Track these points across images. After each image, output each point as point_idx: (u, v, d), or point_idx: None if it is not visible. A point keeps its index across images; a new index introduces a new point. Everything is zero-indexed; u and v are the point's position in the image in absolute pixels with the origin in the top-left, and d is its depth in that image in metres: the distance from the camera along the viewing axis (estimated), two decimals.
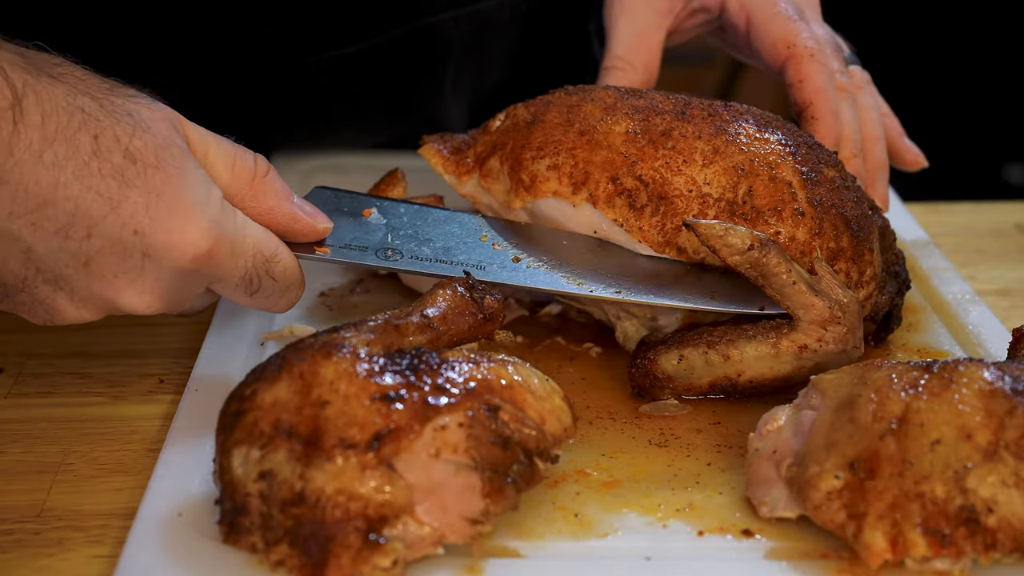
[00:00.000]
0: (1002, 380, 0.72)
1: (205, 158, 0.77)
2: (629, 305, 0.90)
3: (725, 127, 0.90)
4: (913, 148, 1.10)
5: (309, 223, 0.82)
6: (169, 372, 0.93)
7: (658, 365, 0.86)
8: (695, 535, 0.73)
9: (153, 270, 0.73)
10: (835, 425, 0.73)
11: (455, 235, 0.90)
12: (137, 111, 0.73)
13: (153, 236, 0.72)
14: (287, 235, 0.81)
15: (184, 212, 0.72)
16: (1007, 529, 0.68)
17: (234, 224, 0.76)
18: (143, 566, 0.67)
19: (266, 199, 0.80)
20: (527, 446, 0.71)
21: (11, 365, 0.93)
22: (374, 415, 0.68)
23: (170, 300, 0.76)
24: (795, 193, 0.87)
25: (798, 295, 0.82)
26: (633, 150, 0.88)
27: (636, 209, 0.88)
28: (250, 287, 0.78)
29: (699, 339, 0.85)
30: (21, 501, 0.77)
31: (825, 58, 1.01)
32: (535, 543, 0.72)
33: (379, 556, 0.66)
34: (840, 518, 0.70)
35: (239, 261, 0.76)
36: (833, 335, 0.83)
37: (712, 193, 0.87)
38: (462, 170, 0.96)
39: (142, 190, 0.71)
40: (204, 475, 0.75)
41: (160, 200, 0.72)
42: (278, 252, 0.79)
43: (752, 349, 0.84)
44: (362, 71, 1.20)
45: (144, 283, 0.73)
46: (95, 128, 0.70)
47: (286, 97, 1.19)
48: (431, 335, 0.78)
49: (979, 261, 1.18)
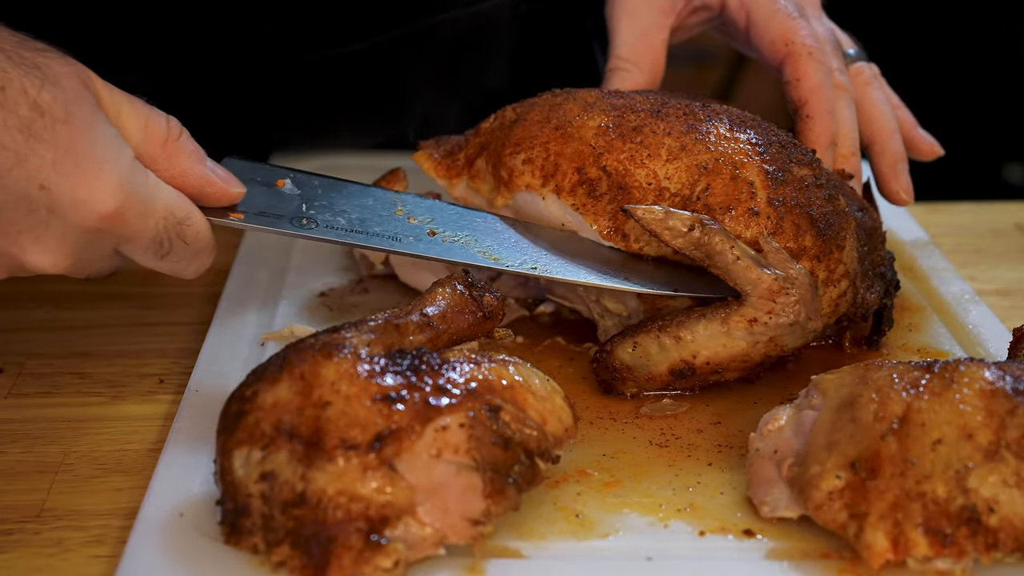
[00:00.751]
0: (1003, 380, 0.72)
1: (117, 118, 0.75)
2: (618, 294, 0.90)
3: (697, 125, 0.90)
4: (928, 138, 1.10)
5: (222, 187, 0.80)
6: (169, 372, 0.93)
7: (615, 356, 0.87)
8: (696, 535, 0.73)
9: (59, 227, 0.71)
10: (836, 425, 0.73)
11: (370, 208, 0.88)
12: (47, 64, 0.71)
13: (59, 192, 0.70)
14: (200, 199, 0.79)
15: (93, 168, 0.71)
16: (1008, 529, 0.68)
17: (145, 184, 0.74)
18: (144, 566, 0.67)
19: (179, 161, 0.78)
20: (528, 446, 0.71)
21: (11, 365, 0.93)
22: (375, 416, 0.68)
23: (76, 260, 0.74)
24: (755, 193, 0.87)
25: (744, 271, 0.83)
26: (602, 143, 0.90)
27: (594, 197, 0.89)
28: (160, 249, 0.77)
29: (651, 325, 0.86)
30: (21, 501, 0.77)
31: (823, 56, 1.01)
32: (536, 543, 0.72)
33: (381, 557, 0.66)
34: (841, 518, 0.70)
35: (149, 222, 0.75)
36: (782, 306, 0.83)
37: (670, 188, 0.88)
38: (452, 173, 0.97)
39: (49, 144, 0.69)
40: (205, 476, 0.75)
41: (67, 155, 0.70)
42: (191, 215, 0.78)
43: (702, 328, 0.84)
44: (362, 71, 1.20)
45: (49, 241, 0.72)
46: (2, 79, 0.69)
47: (285, 97, 1.19)
48: (431, 334, 0.78)
49: (979, 261, 1.17)
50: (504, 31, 1.28)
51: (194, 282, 1.06)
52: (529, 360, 0.77)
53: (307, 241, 1.08)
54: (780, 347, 0.85)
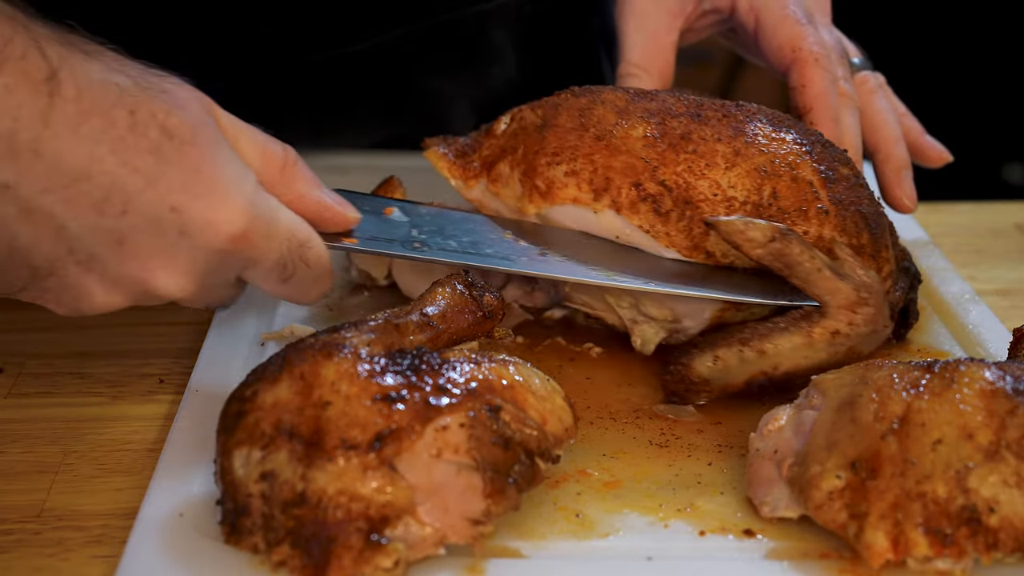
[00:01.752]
0: (1003, 380, 0.72)
1: (236, 143, 0.76)
2: (662, 299, 0.89)
3: (742, 128, 0.89)
4: (936, 144, 1.10)
5: (340, 211, 0.81)
6: (169, 372, 0.93)
7: (693, 369, 0.85)
8: (696, 535, 0.73)
9: (188, 250, 0.71)
10: (836, 425, 0.73)
11: (478, 231, 0.90)
12: (172, 89, 0.72)
13: (190, 213, 0.70)
14: (317, 223, 0.80)
15: (221, 190, 0.71)
16: (1009, 529, 0.68)
17: (268, 206, 0.75)
18: (144, 566, 0.67)
19: (297, 187, 0.79)
20: (528, 446, 0.71)
21: (11, 365, 0.93)
22: (375, 416, 0.68)
23: (203, 284, 0.74)
24: (817, 192, 0.87)
25: (824, 281, 0.83)
26: (653, 155, 0.88)
27: (661, 214, 0.87)
28: (284, 272, 0.77)
29: (731, 338, 0.85)
30: (21, 501, 0.77)
31: (829, 64, 1.01)
32: (537, 543, 0.72)
33: (381, 557, 0.66)
34: (842, 518, 0.70)
35: (274, 244, 0.75)
36: (863, 317, 0.83)
37: (737, 196, 0.86)
38: (469, 174, 0.95)
39: (179, 167, 0.70)
40: (205, 476, 0.75)
41: (197, 177, 0.70)
42: (311, 238, 0.78)
43: (786, 341, 0.84)
44: (365, 71, 1.20)
45: (178, 264, 0.72)
46: (131, 103, 0.69)
47: (286, 97, 1.19)
48: (431, 333, 0.78)
49: (979, 261, 1.18)
50: (509, 31, 1.28)
51: None
52: (529, 360, 0.77)
53: None
54: (856, 354, 0.85)
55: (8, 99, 0.65)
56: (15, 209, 0.67)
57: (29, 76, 0.66)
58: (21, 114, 0.66)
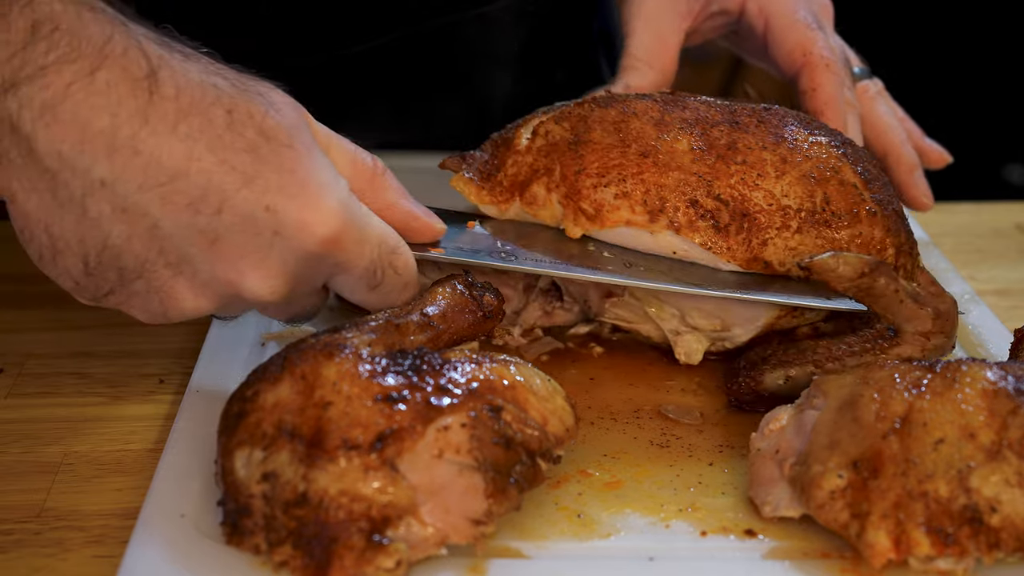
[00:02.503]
0: (1005, 380, 0.72)
1: (328, 151, 0.76)
2: (711, 309, 0.88)
3: (781, 133, 0.89)
4: (936, 146, 1.11)
5: (427, 222, 0.82)
6: (169, 372, 0.93)
7: (763, 384, 0.85)
8: (698, 535, 0.73)
9: (281, 251, 0.71)
10: (838, 424, 0.72)
11: (560, 241, 0.89)
12: (267, 93, 0.72)
13: (285, 213, 0.70)
14: (405, 233, 0.80)
15: (315, 192, 0.71)
16: (1010, 528, 0.68)
17: (360, 212, 0.75)
18: (146, 567, 0.67)
19: (386, 196, 0.79)
20: (530, 446, 0.71)
21: (11, 365, 0.93)
22: (377, 416, 0.67)
23: (292, 289, 0.74)
24: (862, 194, 0.87)
25: (905, 310, 0.82)
26: (705, 168, 0.86)
27: (721, 230, 0.86)
28: (373, 279, 0.77)
29: (804, 358, 0.84)
30: (21, 501, 0.77)
31: (839, 69, 1.02)
32: (538, 543, 0.72)
33: (382, 557, 0.65)
34: (843, 517, 0.70)
35: (365, 249, 0.75)
36: (935, 344, 0.82)
37: (791, 205, 0.86)
38: (500, 199, 0.92)
39: (275, 167, 0.70)
40: (206, 476, 0.75)
41: (292, 178, 0.70)
42: (400, 245, 0.78)
43: (857, 364, 0.82)
44: (365, 74, 1.20)
45: (270, 265, 0.71)
46: (229, 103, 0.69)
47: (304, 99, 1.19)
48: (431, 333, 0.78)
49: (979, 261, 1.18)
50: (509, 34, 1.27)
51: None
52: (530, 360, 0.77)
53: None
54: None
55: (108, 95, 0.65)
56: (109, 207, 0.67)
57: (129, 73, 0.66)
58: (120, 111, 0.66)
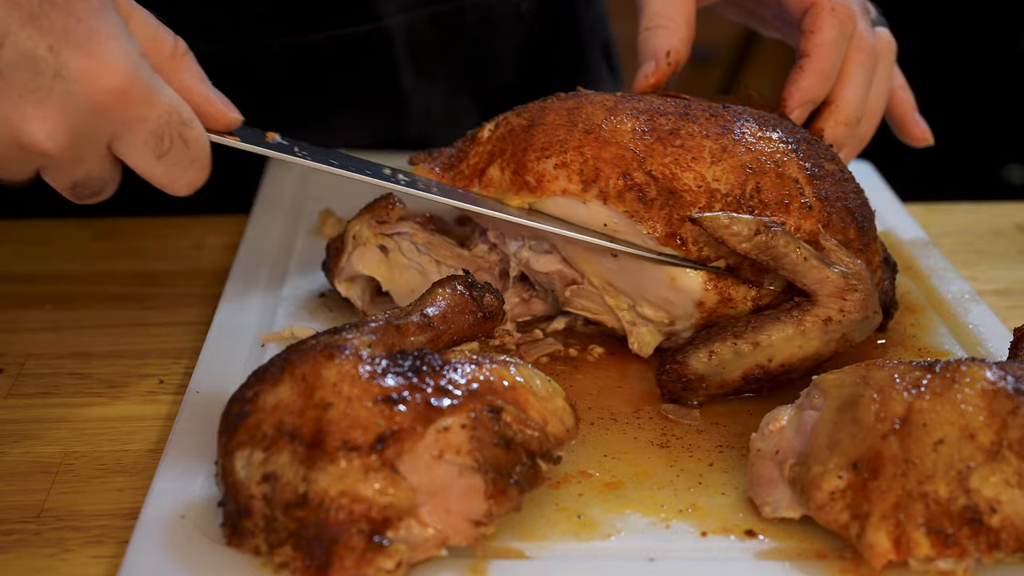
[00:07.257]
0: (1005, 380, 0.72)
1: (128, 20, 0.75)
2: (656, 301, 0.90)
3: (729, 127, 0.91)
4: (922, 123, 1.08)
5: (223, 109, 0.81)
6: (169, 372, 0.93)
7: (688, 366, 0.86)
8: (698, 536, 0.73)
9: (62, 95, 0.71)
10: (838, 425, 0.72)
11: (361, 163, 0.90)
12: None
13: (68, 56, 0.70)
14: (200, 117, 0.79)
15: (103, 43, 0.71)
16: (1010, 528, 0.68)
17: (150, 74, 0.74)
18: (146, 568, 0.67)
19: (184, 77, 0.78)
20: (530, 447, 0.71)
21: (11, 365, 0.93)
22: (377, 417, 0.67)
23: (74, 142, 0.73)
24: (802, 188, 0.89)
25: (812, 270, 0.84)
26: (642, 147, 0.89)
27: (645, 202, 0.88)
28: (160, 145, 0.75)
29: (725, 332, 0.86)
30: (21, 501, 0.77)
31: (845, 16, 0.98)
32: (538, 544, 0.72)
33: (383, 558, 0.66)
34: (843, 518, 0.70)
35: (153, 112, 0.74)
36: (853, 302, 0.84)
37: (720, 189, 0.88)
38: (459, 185, 0.95)
39: (63, 11, 0.70)
40: (206, 477, 0.75)
41: (80, 26, 0.70)
42: (194, 120, 0.77)
43: (778, 331, 0.85)
44: (358, 65, 1.20)
45: (50, 107, 0.71)
46: None
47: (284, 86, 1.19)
48: (432, 334, 0.78)
49: (979, 261, 1.17)
50: (506, 28, 1.28)
51: (194, 282, 1.07)
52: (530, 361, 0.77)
53: (308, 242, 1.08)
54: (849, 342, 0.86)
55: None
56: None
57: None
58: None
